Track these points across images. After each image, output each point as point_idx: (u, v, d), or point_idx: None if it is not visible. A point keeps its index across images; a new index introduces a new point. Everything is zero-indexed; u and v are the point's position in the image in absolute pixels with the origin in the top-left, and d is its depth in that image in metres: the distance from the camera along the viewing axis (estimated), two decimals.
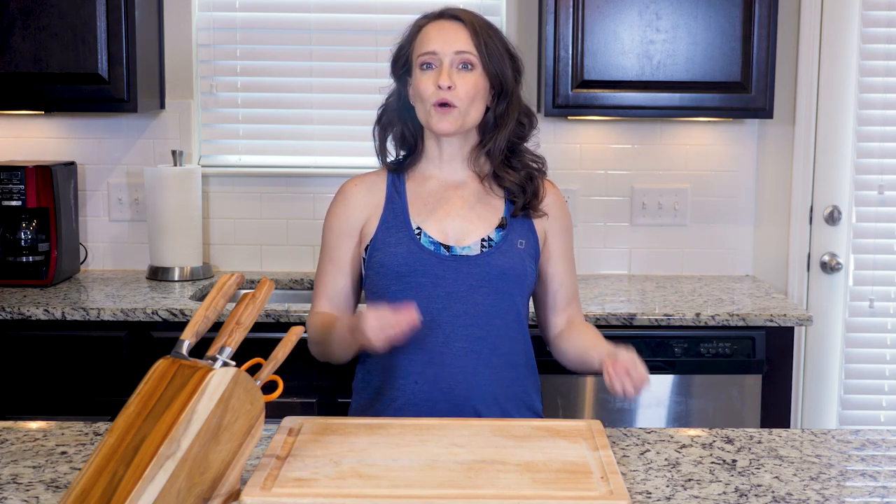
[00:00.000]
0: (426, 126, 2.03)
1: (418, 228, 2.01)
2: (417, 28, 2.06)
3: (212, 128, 3.36)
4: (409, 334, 1.83)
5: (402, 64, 2.07)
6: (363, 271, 2.07)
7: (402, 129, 2.09)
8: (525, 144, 2.09)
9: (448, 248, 2.00)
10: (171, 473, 1.31)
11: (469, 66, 1.99)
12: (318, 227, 3.29)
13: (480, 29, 2.01)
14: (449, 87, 1.97)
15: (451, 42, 1.99)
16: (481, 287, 1.98)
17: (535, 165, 2.08)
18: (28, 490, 1.50)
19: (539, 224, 2.07)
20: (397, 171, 2.09)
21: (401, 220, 2.02)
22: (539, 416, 2.09)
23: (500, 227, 2.03)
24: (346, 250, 2.07)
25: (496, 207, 2.06)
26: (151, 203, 3.15)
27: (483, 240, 2.01)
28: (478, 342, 1.98)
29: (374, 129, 2.13)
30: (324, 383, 2.70)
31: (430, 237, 2.00)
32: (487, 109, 2.04)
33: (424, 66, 2.00)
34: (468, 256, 1.99)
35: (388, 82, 2.13)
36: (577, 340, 2.05)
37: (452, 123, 1.99)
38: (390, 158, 2.12)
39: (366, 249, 2.04)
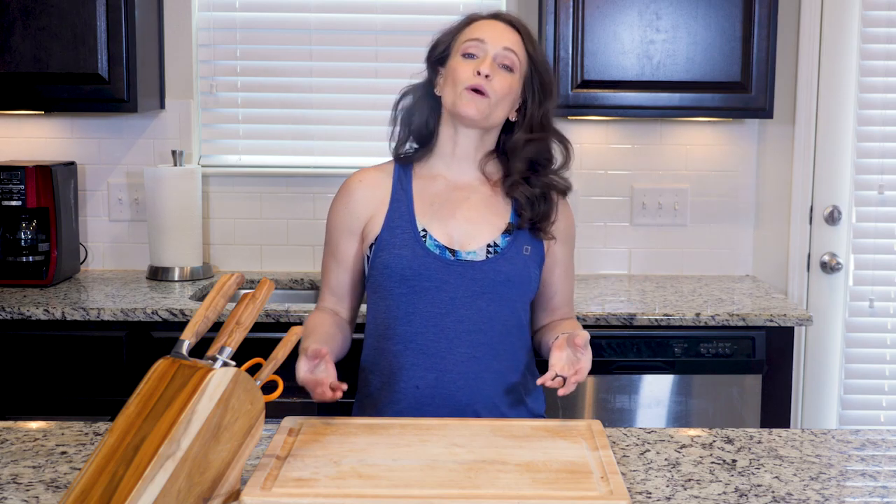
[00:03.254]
0: (452, 110, 1.99)
1: (424, 230, 2.00)
2: (469, 21, 2.05)
3: (212, 128, 3.36)
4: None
5: (442, 51, 2.05)
6: (366, 269, 2.06)
7: (422, 119, 2.06)
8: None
9: (453, 252, 1.99)
10: (171, 473, 1.31)
11: (509, 69, 1.99)
12: (319, 227, 3.30)
13: (531, 38, 2.04)
14: (487, 77, 1.96)
15: (501, 37, 2.00)
16: (485, 293, 1.97)
17: (556, 185, 2.06)
18: (28, 490, 1.50)
19: None
20: (405, 164, 2.08)
21: (406, 221, 2.01)
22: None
23: (507, 232, 2.02)
24: (348, 247, 2.07)
25: (503, 212, 2.04)
26: (151, 203, 3.15)
27: (489, 245, 2.00)
28: (480, 347, 1.97)
29: (393, 110, 2.09)
30: None
31: (435, 240, 1.99)
32: (508, 122, 2.04)
33: (466, 55, 1.99)
34: (473, 262, 1.98)
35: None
36: (553, 329, 2.06)
37: (479, 110, 1.97)
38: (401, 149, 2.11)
39: (370, 247, 2.03)
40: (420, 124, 2.07)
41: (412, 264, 1.97)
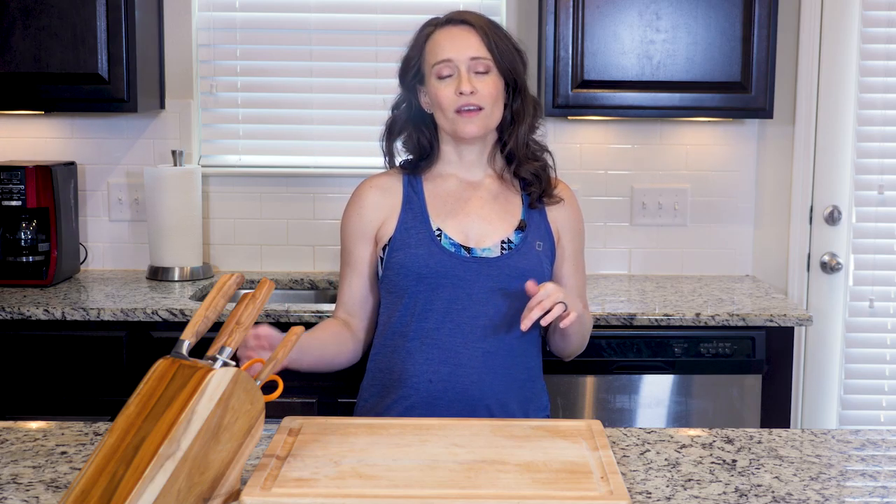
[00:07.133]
0: (452, 134, 2.03)
1: (438, 230, 2.02)
2: (426, 36, 2.06)
3: (212, 128, 3.36)
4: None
5: (414, 74, 2.07)
6: (380, 271, 2.07)
7: (417, 137, 2.09)
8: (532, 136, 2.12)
9: (468, 249, 2.01)
10: (171, 473, 1.31)
11: (485, 71, 2.00)
12: (319, 227, 3.30)
13: (489, 30, 2.03)
14: (472, 93, 1.97)
15: (464, 48, 2.00)
16: (501, 289, 1.99)
17: (541, 154, 2.11)
18: (28, 490, 1.50)
19: (554, 225, 2.09)
20: (413, 173, 2.10)
21: (420, 221, 2.03)
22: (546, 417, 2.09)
23: (519, 228, 2.04)
24: (363, 252, 2.08)
25: (514, 207, 2.07)
26: (151, 203, 3.15)
27: (503, 242, 2.02)
28: (495, 343, 1.99)
29: (381, 140, 2.12)
30: (324, 383, 2.70)
31: (450, 239, 2.01)
32: (504, 107, 2.05)
33: (441, 78, 2.01)
34: (488, 258, 2.00)
35: (392, 92, 2.13)
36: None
37: (479, 126, 2.00)
38: (403, 158, 2.13)
39: (383, 249, 2.04)
40: (415, 146, 2.10)
41: (428, 262, 1.98)
